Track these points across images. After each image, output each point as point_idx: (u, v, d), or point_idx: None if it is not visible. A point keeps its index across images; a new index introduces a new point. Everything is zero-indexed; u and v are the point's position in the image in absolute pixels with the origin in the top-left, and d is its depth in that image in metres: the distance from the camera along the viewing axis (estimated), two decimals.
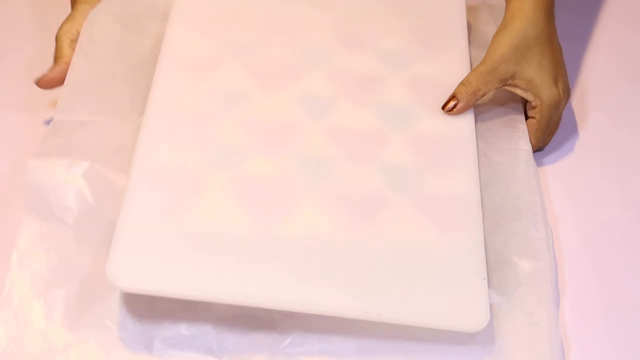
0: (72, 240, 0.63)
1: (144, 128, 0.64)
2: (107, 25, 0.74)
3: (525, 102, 0.73)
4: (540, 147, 0.73)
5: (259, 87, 0.69)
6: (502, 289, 0.62)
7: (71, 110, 0.69)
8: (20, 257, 0.62)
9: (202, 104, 0.67)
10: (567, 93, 0.72)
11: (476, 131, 0.70)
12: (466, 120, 0.69)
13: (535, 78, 0.69)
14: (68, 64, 0.71)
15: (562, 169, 0.73)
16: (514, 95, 0.74)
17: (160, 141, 0.64)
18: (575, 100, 0.78)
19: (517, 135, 0.72)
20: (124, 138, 0.68)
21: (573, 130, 0.76)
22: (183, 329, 0.60)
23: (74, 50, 0.72)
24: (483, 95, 0.70)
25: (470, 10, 0.80)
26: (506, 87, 0.71)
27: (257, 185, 0.62)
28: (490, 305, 0.60)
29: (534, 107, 0.71)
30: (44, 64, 0.72)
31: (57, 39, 0.73)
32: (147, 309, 0.61)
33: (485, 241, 0.63)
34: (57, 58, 0.72)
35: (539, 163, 0.72)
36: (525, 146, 0.71)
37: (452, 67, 0.72)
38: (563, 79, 0.72)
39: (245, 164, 0.63)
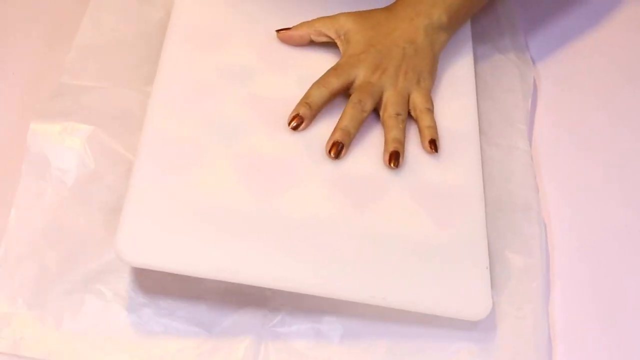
0: (69, 202, 0.63)
1: (151, 103, 0.64)
2: None
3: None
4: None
5: (265, 65, 0.69)
6: (493, 283, 0.62)
7: (78, 74, 0.70)
8: (17, 216, 0.62)
9: (209, 79, 0.67)
10: (377, 69, 0.68)
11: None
12: (470, 114, 0.70)
13: (354, 41, 0.69)
14: None
15: (561, 168, 0.73)
16: (516, 95, 0.75)
17: (168, 117, 0.64)
18: (575, 100, 0.79)
19: (516, 134, 0.73)
20: (128, 106, 0.68)
21: (573, 129, 0.76)
22: (175, 300, 0.61)
23: None
24: (319, 34, 0.71)
25: None
26: (337, 40, 0.71)
27: (262, 164, 0.63)
28: None
29: None
30: (44, 64, 0.73)
31: None
32: (140, 277, 0.61)
33: None
34: None
35: (537, 161, 0.73)
36: (524, 145, 0.72)
37: (457, 67, 0.74)
38: (381, 64, 0.68)
39: (250, 142, 0.63)
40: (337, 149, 0.64)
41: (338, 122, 0.66)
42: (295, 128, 0.65)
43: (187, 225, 0.58)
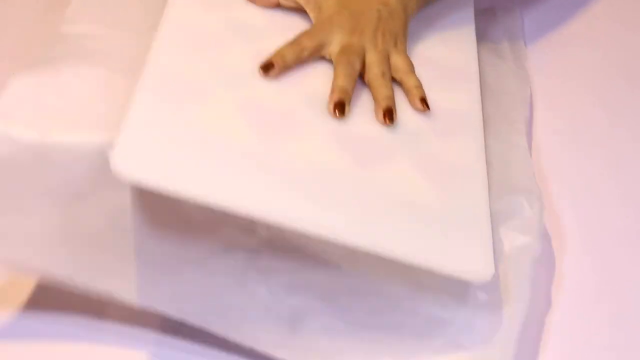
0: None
1: (156, 44, 0.63)
2: None
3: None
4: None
5: (274, 27, 0.69)
6: None
7: (80, 22, 0.67)
8: None
9: (216, 31, 0.66)
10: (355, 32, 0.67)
11: None
12: (473, 95, 0.70)
13: (326, 6, 0.68)
14: None
15: (561, 168, 0.73)
16: (514, 97, 0.76)
17: (173, 57, 0.62)
18: (575, 100, 0.80)
19: (513, 129, 0.73)
20: (136, 52, 0.65)
21: (573, 129, 0.77)
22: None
23: None
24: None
25: None
26: (306, 7, 0.69)
27: (265, 111, 0.61)
28: None
29: None
30: None
31: None
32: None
33: None
34: None
35: (539, 162, 0.73)
36: (522, 142, 0.72)
37: (459, 49, 0.74)
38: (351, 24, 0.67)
39: (254, 92, 0.62)
40: (341, 107, 0.63)
41: (333, 82, 0.64)
42: (265, 71, 0.63)
43: (186, 149, 0.56)
